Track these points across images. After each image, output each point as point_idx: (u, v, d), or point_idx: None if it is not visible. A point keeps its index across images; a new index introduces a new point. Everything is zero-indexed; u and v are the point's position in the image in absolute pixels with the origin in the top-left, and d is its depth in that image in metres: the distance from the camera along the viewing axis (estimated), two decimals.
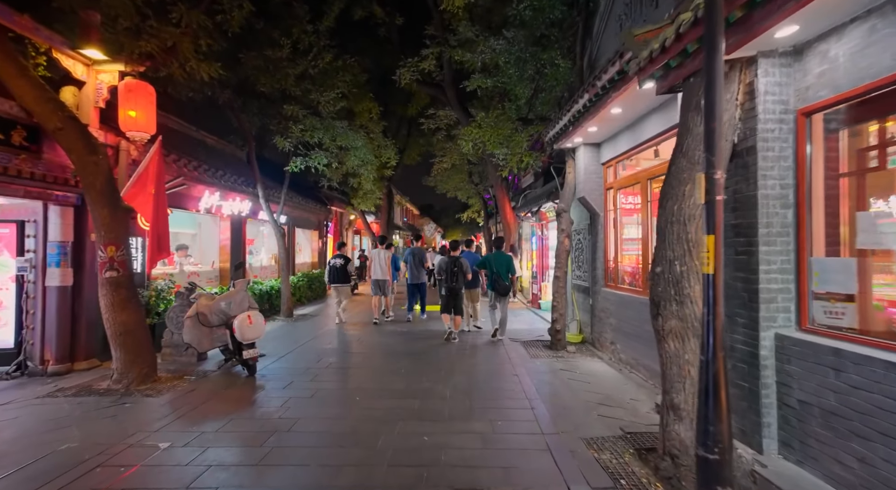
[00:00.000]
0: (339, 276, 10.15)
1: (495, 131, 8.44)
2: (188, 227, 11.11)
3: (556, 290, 7.67)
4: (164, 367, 6.42)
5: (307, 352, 7.60)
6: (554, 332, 7.59)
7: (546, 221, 12.10)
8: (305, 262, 16.14)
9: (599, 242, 7.49)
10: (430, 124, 15.28)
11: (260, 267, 12.86)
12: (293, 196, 13.80)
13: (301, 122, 10.42)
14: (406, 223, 36.55)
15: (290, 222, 14.07)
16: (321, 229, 17.00)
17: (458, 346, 8.01)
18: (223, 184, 9.45)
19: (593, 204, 7.42)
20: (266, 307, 11.26)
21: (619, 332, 6.57)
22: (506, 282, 8.44)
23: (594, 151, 7.41)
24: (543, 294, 11.98)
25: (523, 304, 13.37)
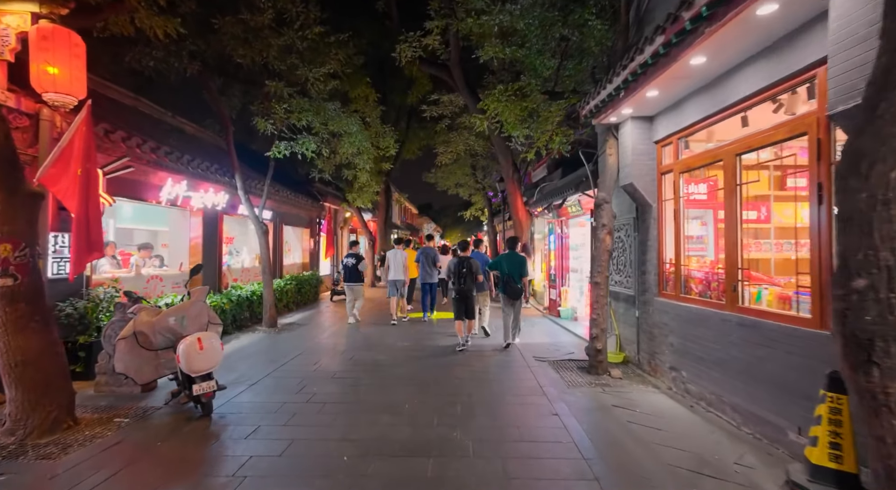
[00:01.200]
0: (351, 274, 9.96)
1: (518, 105, 6.92)
2: (155, 222, 9.57)
3: (596, 300, 6.17)
4: (94, 404, 4.88)
5: (287, 376, 6.07)
6: (594, 351, 6.09)
7: (566, 217, 10.60)
8: (295, 263, 14.59)
9: (650, 240, 5.99)
10: (432, 111, 13.78)
11: (241, 269, 11.30)
12: (280, 189, 12.25)
13: (286, 101, 8.90)
14: (405, 222, 35.03)
15: (276, 218, 12.53)
16: (313, 227, 15.46)
17: (475, 368, 6.50)
18: (191, 171, 7.90)
19: (643, 192, 5.92)
20: (246, 316, 9.73)
21: (686, 356, 5.06)
22: (518, 284, 7.67)
23: (645, 127, 5.91)
24: (563, 300, 10.49)
25: (538, 311, 11.86)
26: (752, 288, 4.24)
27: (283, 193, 12.30)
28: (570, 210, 10.01)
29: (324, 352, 7.56)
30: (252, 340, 8.36)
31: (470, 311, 7.77)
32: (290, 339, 8.50)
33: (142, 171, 6.91)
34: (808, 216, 3.51)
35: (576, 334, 8.91)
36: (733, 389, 4.24)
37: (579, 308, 10.17)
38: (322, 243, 16.22)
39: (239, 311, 9.27)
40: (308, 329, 9.61)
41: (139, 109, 10.26)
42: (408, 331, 9.34)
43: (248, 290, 9.93)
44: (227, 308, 8.68)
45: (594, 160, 8.01)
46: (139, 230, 10.03)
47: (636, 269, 6.38)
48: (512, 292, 7.72)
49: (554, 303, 10.83)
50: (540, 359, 7.02)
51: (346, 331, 9.41)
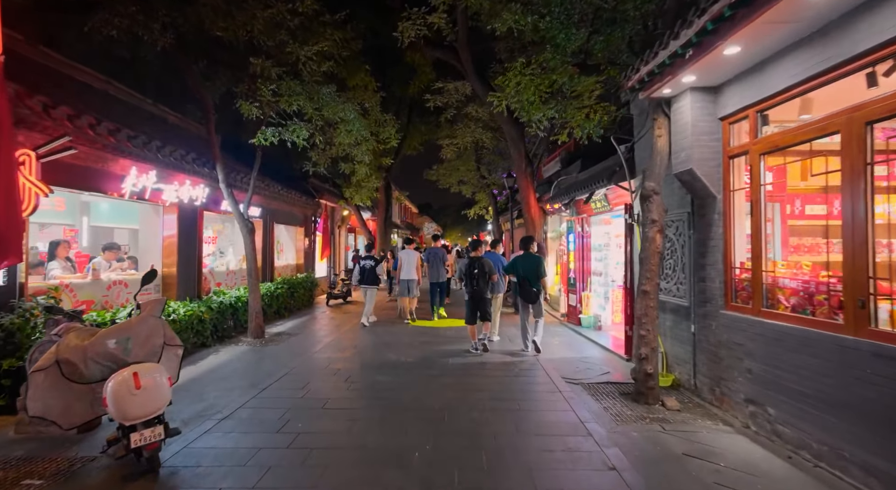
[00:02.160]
0: (369, 277, 9.94)
1: (544, 79, 5.75)
2: (125, 219, 8.42)
3: (645, 312, 5.02)
4: (6, 453, 3.74)
5: (267, 406, 4.92)
6: (643, 375, 4.94)
7: (587, 215, 9.46)
8: (288, 265, 13.42)
9: (712, 240, 4.85)
10: (436, 101, 12.63)
11: (226, 272, 10.13)
12: (270, 184, 11.10)
13: (274, 82, 7.76)
14: (405, 222, 33.88)
15: (266, 216, 11.37)
16: (308, 226, 14.30)
17: (496, 391, 5.34)
18: (162, 159, 6.74)
19: (705, 180, 4.78)
20: (230, 325, 8.58)
21: (774, 389, 3.92)
22: (535, 287, 7.15)
23: (708, 100, 4.76)
24: (585, 306, 9.35)
25: (555, 318, 10.72)
26: (888, 304, 3.10)
27: (274, 188, 11.14)
28: (594, 206, 8.88)
29: (315, 370, 6.40)
30: (233, 355, 7.20)
31: (485, 313, 7.35)
32: (277, 354, 7.34)
33: (97, 156, 5.75)
34: None
35: (603, 347, 7.78)
36: (863, 443, 3.10)
37: (604, 316, 9.03)
38: (318, 243, 15.06)
39: (221, 320, 8.12)
40: (300, 340, 8.45)
41: (112, 94, 9.13)
42: (412, 341, 8.20)
43: (233, 295, 8.77)
44: (207, 317, 7.53)
45: (629, 146, 6.88)
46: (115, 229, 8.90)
47: (691, 274, 5.24)
48: (528, 296, 7.17)
49: (573, 309, 9.69)
50: (571, 380, 5.88)
51: (343, 342, 8.25)
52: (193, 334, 7.26)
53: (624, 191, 7.50)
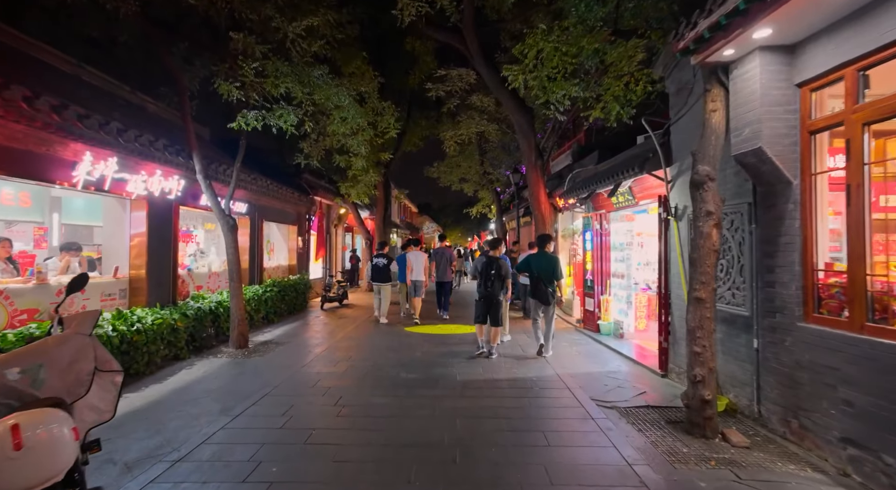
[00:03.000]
0: (382, 275, 10.09)
1: (571, 47, 4.79)
2: (88, 216, 7.47)
3: (700, 324, 4.08)
4: None
5: (237, 440, 3.97)
6: (699, 402, 3.99)
7: (607, 210, 8.52)
8: (280, 266, 12.47)
9: (788, 235, 3.91)
10: (438, 90, 11.69)
11: (208, 274, 9.16)
12: (258, 178, 10.15)
13: (257, 60, 6.82)
14: (404, 221, 32.92)
15: (255, 213, 10.41)
16: (301, 224, 13.34)
17: (515, 418, 4.39)
18: (124, 144, 5.78)
19: (777, 161, 3.84)
20: (210, 333, 7.64)
21: (889, 428, 2.98)
22: (549, 288, 6.79)
23: (781, 62, 3.82)
24: (604, 312, 8.40)
25: (569, 324, 9.79)
26: None
27: (262, 183, 10.19)
28: (615, 200, 7.94)
29: (302, 389, 5.45)
30: (209, 370, 6.25)
31: (495, 317, 6.85)
32: (260, 368, 6.39)
33: (38, 138, 4.79)
34: None
35: (629, 358, 6.84)
36: None
37: (627, 323, 8.08)
38: (312, 243, 14.11)
39: (198, 328, 7.17)
40: (288, 350, 7.49)
41: (85, 80, 8.19)
42: (414, 352, 7.24)
43: (213, 300, 7.81)
44: (181, 326, 6.58)
45: (664, 130, 5.94)
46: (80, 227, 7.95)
47: (752, 278, 4.31)
48: (542, 297, 6.78)
49: (591, 315, 8.75)
50: (602, 402, 4.94)
51: (336, 353, 7.30)
52: (164, 346, 6.31)
53: (652, 183, 6.57)
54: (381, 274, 10.07)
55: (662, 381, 5.73)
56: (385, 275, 10.08)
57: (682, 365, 5.55)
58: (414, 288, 10.17)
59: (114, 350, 5.24)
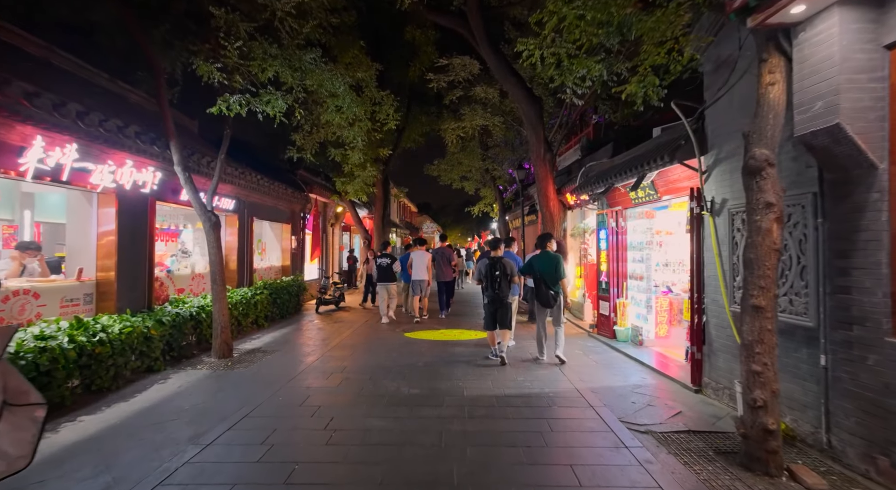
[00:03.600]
0: (385, 275, 10.06)
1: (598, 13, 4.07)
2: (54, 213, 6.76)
3: (759, 337, 3.38)
4: None
5: (202, 480, 3.24)
6: (760, 432, 3.29)
7: (623, 207, 7.84)
8: (272, 267, 11.76)
9: (870, 231, 3.21)
10: (440, 81, 10.98)
11: (191, 275, 8.44)
12: (248, 173, 9.43)
13: (242, 39, 6.12)
14: (403, 221, 32.22)
15: (244, 210, 9.69)
16: (296, 223, 12.63)
17: (534, 446, 3.69)
18: (84, 129, 5.06)
19: (860, 140, 3.15)
20: (191, 341, 6.94)
21: None
22: (553, 289, 6.37)
23: (865, 20, 3.13)
24: (620, 317, 7.71)
25: (582, 330, 9.09)
26: None
27: (252, 177, 9.47)
28: (634, 196, 7.25)
29: (288, 409, 4.74)
30: (185, 384, 5.54)
31: (504, 320, 6.50)
32: (243, 381, 5.68)
33: None
34: None
35: (652, 369, 6.15)
36: None
37: (646, 329, 7.39)
38: (307, 242, 13.40)
39: (177, 336, 6.46)
40: (276, 360, 6.79)
41: (55, 64, 7.48)
42: (416, 363, 6.54)
43: (195, 304, 7.10)
44: (155, 334, 5.87)
45: (698, 114, 5.25)
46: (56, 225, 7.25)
47: (819, 282, 3.61)
48: (545, 299, 6.38)
49: (606, 320, 8.05)
50: (634, 425, 4.24)
51: (330, 363, 6.60)
52: (136, 356, 5.61)
53: (680, 175, 5.89)
54: (385, 274, 10.02)
55: (697, 398, 5.04)
56: (388, 275, 10.04)
57: (720, 380, 4.86)
58: (418, 288, 10.09)
59: (71, 365, 4.54)
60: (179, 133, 6.70)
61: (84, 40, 8.34)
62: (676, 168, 5.78)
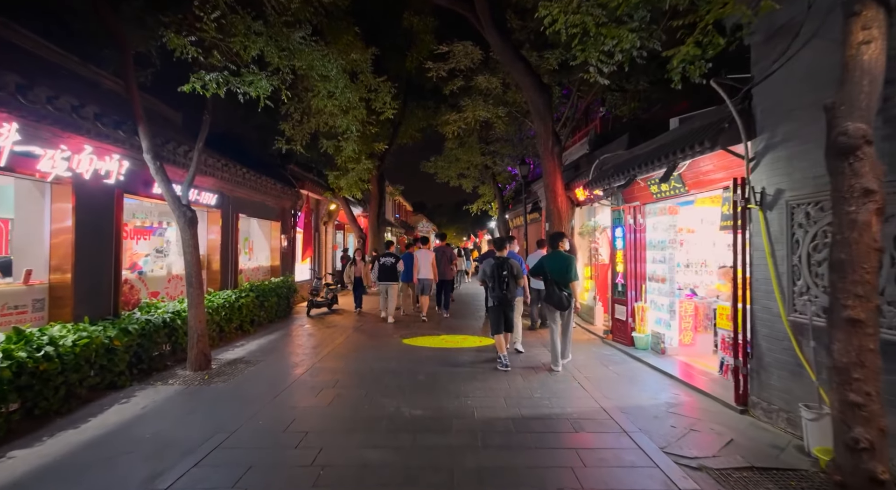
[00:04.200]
0: (388, 274, 9.81)
1: None
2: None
3: (858, 360, 2.64)
4: None
5: None
6: (865, 482, 2.57)
7: (641, 203, 7.13)
8: (260, 267, 10.96)
9: None
10: (440, 69, 10.23)
11: (167, 276, 7.64)
12: (232, 165, 8.62)
13: (219, 8, 5.34)
14: (399, 220, 31.43)
15: (228, 205, 8.88)
16: (286, 220, 11.82)
17: (568, 483, 3.00)
18: (27, 106, 4.24)
19: None
20: (165, 351, 6.18)
21: None
22: (565, 291, 6.03)
23: None
24: (639, 322, 7.00)
25: (595, 336, 8.36)
26: None
27: (236, 171, 8.66)
28: (656, 190, 6.54)
29: (268, 437, 3.97)
30: (151, 405, 4.74)
31: (510, 321, 6.25)
32: (219, 401, 4.90)
33: None
34: None
35: (681, 381, 5.43)
36: None
37: (669, 336, 6.67)
38: (298, 241, 12.60)
39: (147, 346, 5.66)
40: (260, 372, 6.01)
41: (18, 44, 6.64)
42: (417, 376, 5.78)
43: (170, 309, 6.31)
44: (119, 346, 5.07)
45: (744, 92, 4.53)
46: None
47: None
48: (559, 302, 5.99)
49: (622, 325, 7.33)
50: (682, 459, 3.51)
51: (320, 376, 5.83)
52: (95, 372, 4.83)
53: (716, 164, 5.19)
54: (388, 273, 9.77)
55: (746, 422, 4.32)
56: (392, 274, 9.79)
57: (773, 400, 4.16)
58: (422, 287, 9.98)
59: (6, 386, 3.74)
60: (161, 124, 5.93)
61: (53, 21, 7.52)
62: (709, 158, 5.07)
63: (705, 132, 4.76)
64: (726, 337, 5.30)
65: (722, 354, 5.37)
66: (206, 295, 7.52)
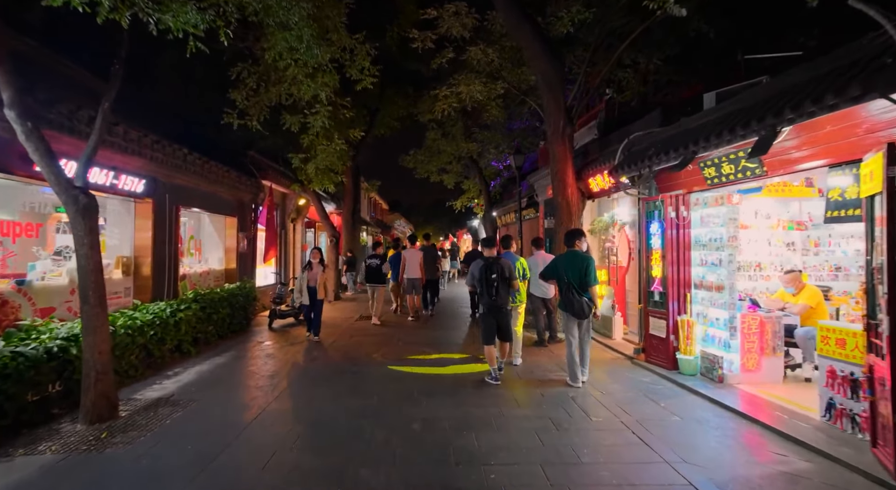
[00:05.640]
0: (375, 275, 9.41)
1: None
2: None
3: None
4: None
5: None
6: None
7: (685, 191, 5.65)
8: (211, 271, 9.04)
9: None
10: (427, 39, 8.55)
11: (69, 287, 5.67)
12: (165, 143, 6.69)
13: None
14: (374, 218, 29.51)
15: (164, 194, 6.95)
16: (245, 216, 9.91)
17: None
18: None
19: None
20: (53, 393, 4.28)
21: None
22: (584, 296, 5.13)
23: None
24: (685, 340, 5.48)
25: (620, 354, 6.81)
26: None
27: (175, 151, 6.76)
28: (712, 173, 5.05)
29: None
30: None
31: (504, 330, 5.45)
32: (107, 485, 3.11)
33: None
34: None
35: (772, 429, 3.92)
36: None
37: (728, 360, 5.16)
38: (260, 241, 10.69)
39: (15, 392, 3.78)
40: (187, 423, 4.19)
41: None
42: (408, 419, 4.10)
43: (62, 334, 4.43)
44: None
45: None
46: None
47: None
48: (577, 309, 5.19)
49: (661, 343, 5.81)
50: None
51: (273, 427, 4.07)
52: None
53: (829, 130, 3.69)
54: (375, 275, 9.39)
55: None
56: (378, 276, 9.38)
57: None
58: (410, 287, 9.64)
59: None
60: (90, 98, 4.01)
61: None
62: (825, 120, 3.57)
63: (842, 77, 3.21)
64: (838, 369, 3.82)
65: (830, 394, 3.89)
66: (128, 310, 5.66)
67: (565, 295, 5.21)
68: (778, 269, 5.85)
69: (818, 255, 5.83)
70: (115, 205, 6.44)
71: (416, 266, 9.48)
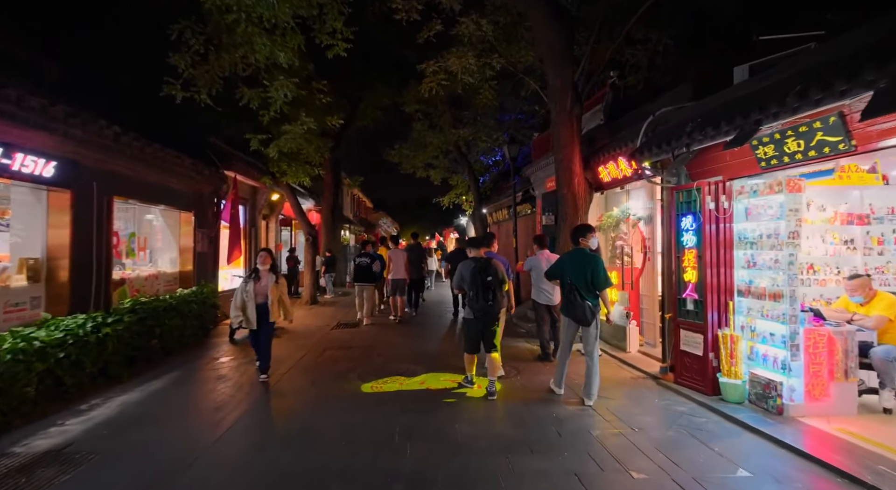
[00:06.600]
0: (364, 275, 8.83)
1: None
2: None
3: None
4: None
5: None
6: None
7: (725, 178, 4.57)
8: (161, 274, 7.71)
9: None
10: (412, 10, 7.35)
11: None
12: (87, 116, 5.36)
13: None
14: (357, 217, 28.14)
15: (88, 183, 5.60)
16: (204, 210, 8.57)
17: None
18: None
19: None
20: None
21: None
22: (588, 300, 4.49)
23: None
24: (727, 360, 4.39)
25: (638, 372, 5.70)
26: None
27: (103, 130, 5.43)
28: (770, 153, 3.97)
29: None
30: None
31: (490, 340, 4.69)
32: None
33: None
34: None
35: (860, 484, 2.84)
36: None
37: (790, 386, 4.08)
38: (222, 239, 9.37)
39: None
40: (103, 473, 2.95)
41: None
42: (396, 484, 2.94)
43: None
44: None
45: None
46: None
47: None
48: (579, 314, 4.50)
49: (698, 363, 4.72)
50: None
51: (203, 475, 2.86)
52: None
53: None
54: (365, 274, 8.90)
55: None
56: (368, 275, 8.91)
57: None
58: (394, 287, 9.28)
59: None
60: (20, 74, 2.69)
61: None
62: None
63: None
64: None
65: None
66: (26, 329, 4.37)
67: (566, 297, 4.66)
68: (834, 271, 4.82)
69: (882, 254, 4.81)
70: (23, 195, 5.10)
71: (400, 266, 9.14)
